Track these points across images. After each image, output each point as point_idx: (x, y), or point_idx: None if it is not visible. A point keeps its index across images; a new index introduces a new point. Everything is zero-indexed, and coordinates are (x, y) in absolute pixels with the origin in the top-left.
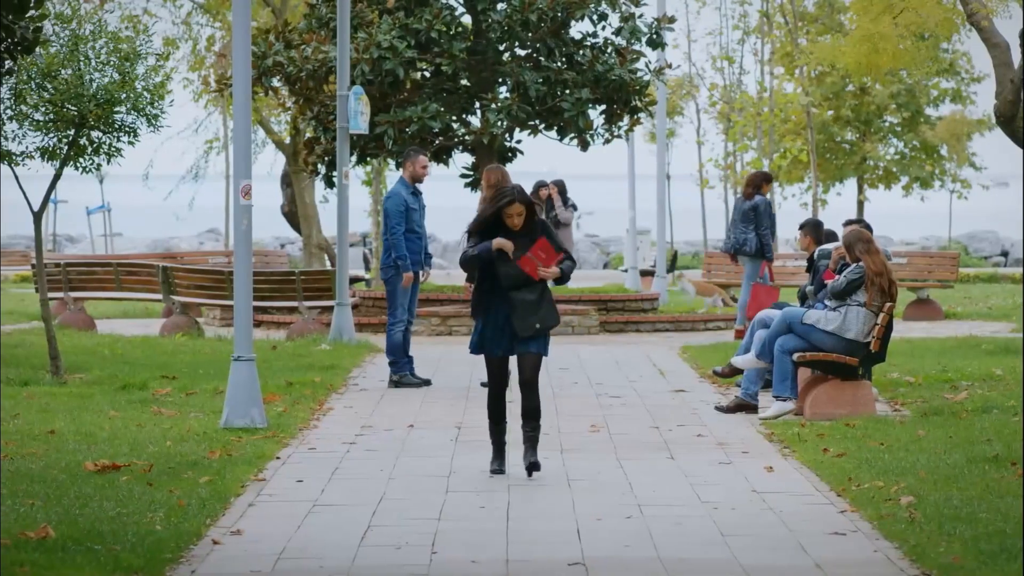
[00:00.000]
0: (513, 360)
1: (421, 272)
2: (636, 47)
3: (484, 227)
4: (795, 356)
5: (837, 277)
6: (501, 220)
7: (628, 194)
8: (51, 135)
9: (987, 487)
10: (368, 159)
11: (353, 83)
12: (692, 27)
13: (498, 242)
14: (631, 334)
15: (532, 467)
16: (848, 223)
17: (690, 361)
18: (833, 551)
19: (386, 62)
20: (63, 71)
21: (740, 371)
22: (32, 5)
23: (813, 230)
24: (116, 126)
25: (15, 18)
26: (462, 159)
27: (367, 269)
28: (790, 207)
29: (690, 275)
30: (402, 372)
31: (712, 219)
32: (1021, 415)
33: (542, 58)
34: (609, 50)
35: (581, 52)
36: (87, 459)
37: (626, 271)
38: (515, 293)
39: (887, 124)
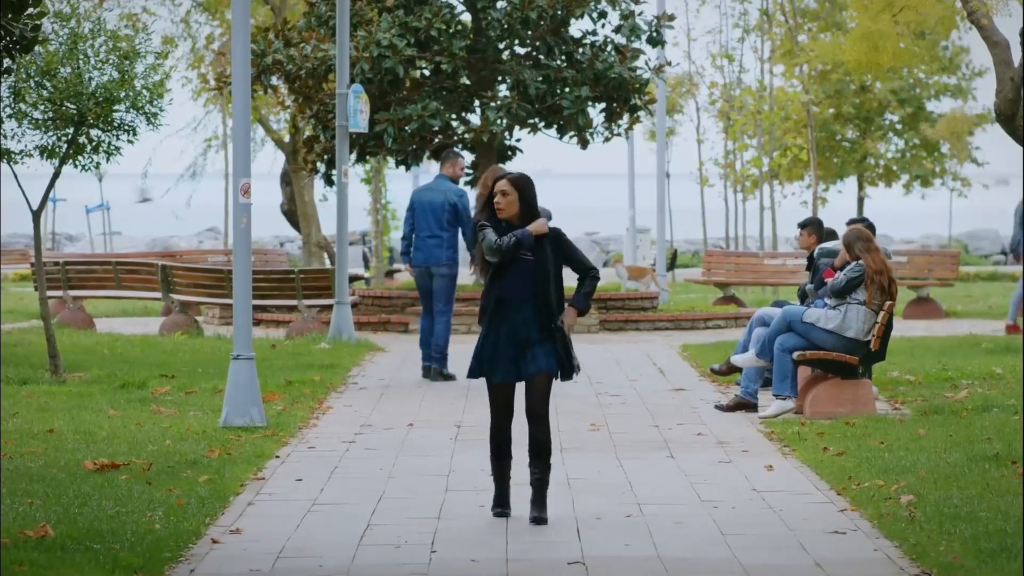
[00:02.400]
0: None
1: None
2: (636, 45)
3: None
4: (795, 355)
5: (837, 275)
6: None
7: (628, 193)
8: (50, 133)
9: (987, 486)
10: (368, 157)
11: (353, 81)
12: (692, 25)
13: (536, 226)
14: (631, 333)
15: (536, 522)
16: (851, 222)
17: (690, 360)
18: (833, 550)
19: (386, 60)
20: (62, 69)
21: (738, 369)
22: (31, 3)
23: (815, 229)
24: (115, 124)
25: (14, 16)
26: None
27: (367, 268)
28: (790, 205)
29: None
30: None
31: (712, 218)
32: (1021, 414)
33: (542, 56)
34: (609, 48)
35: (581, 50)
36: (86, 458)
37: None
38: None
39: (888, 122)
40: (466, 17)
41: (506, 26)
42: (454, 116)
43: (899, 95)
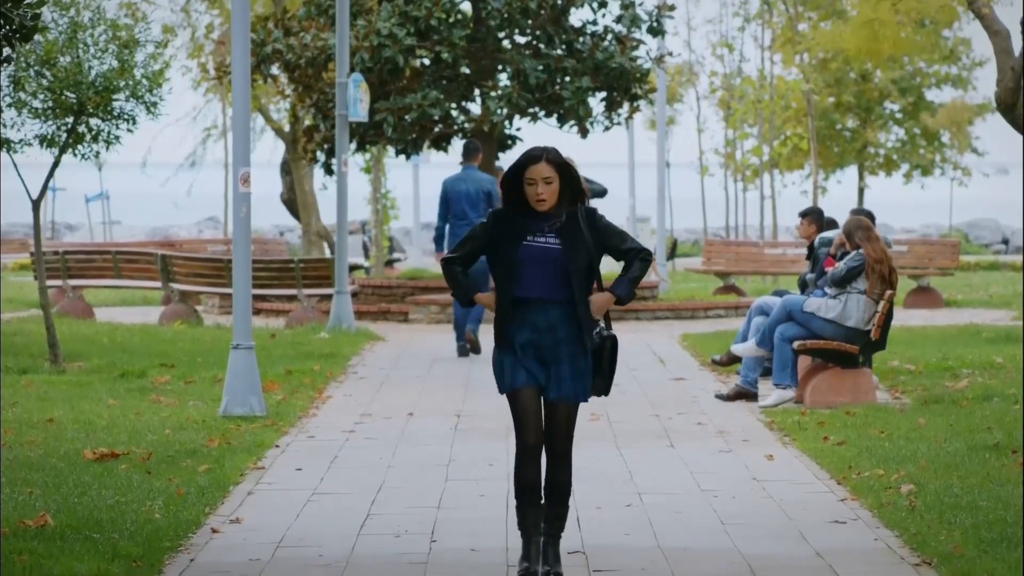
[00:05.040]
0: None
1: None
2: (636, 35)
3: (507, 202)
4: (795, 344)
5: (837, 264)
6: (523, 196)
7: (628, 182)
8: (50, 123)
9: (987, 475)
10: (367, 147)
11: (352, 70)
12: (692, 15)
13: (482, 299)
14: (631, 322)
15: None
16: (853, 212)
17: (690, 349)
18: (833, 540)
19: (385, 50)
20: (62, 58)
21: (738, 359)
22: None
23: (815, 218)
24: (115, 113)
25: (14, 5)
26: (462, 147)
27: (366, 257)
28: (790, 194)
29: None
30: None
31: (712, 207)
32: (1021, 403)
33: (542, 46)
34: (609, 38)
35: (581, 40)
36: (86, 447)
37: None
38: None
39: (888, 111)
40: (466, 6)
41: (506, 15)
42: (454, 105)
43: (899, 84)
